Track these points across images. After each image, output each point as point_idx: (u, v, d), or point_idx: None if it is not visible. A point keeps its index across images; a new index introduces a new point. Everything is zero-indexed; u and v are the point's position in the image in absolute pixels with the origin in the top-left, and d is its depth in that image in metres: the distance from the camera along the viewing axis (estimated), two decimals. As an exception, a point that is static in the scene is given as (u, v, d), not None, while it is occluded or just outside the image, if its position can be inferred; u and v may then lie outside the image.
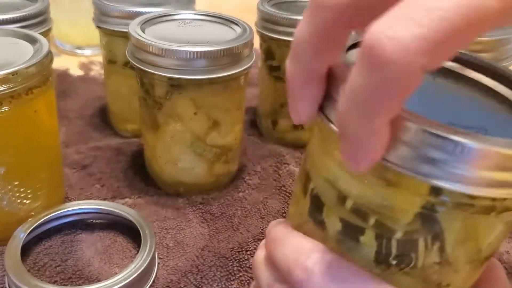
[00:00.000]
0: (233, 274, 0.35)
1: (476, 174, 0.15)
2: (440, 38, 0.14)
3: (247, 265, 0.36)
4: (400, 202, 0.18)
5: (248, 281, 0.34)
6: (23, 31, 0.37)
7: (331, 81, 0.18)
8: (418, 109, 0.16)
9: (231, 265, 0.36)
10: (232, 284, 0.34)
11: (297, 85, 0.19)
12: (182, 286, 0.34)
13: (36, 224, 0.36)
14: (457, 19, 0.13)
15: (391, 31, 0.14)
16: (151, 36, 0.37)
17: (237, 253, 0.37)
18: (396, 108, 0.15)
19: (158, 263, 0.35)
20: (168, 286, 0.34)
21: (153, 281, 0.34)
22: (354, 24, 0.17)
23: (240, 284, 0.34)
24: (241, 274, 0.35)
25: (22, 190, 0.35)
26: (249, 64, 0.39)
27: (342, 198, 0.19)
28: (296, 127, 0.50)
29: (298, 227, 0.22)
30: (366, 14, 0.16)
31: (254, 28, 0.43)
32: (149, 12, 0.43)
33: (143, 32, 0.38)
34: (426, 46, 0.14)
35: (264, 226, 0.40)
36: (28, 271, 0.33)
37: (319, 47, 0.17)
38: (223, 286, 0.34)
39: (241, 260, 0.36)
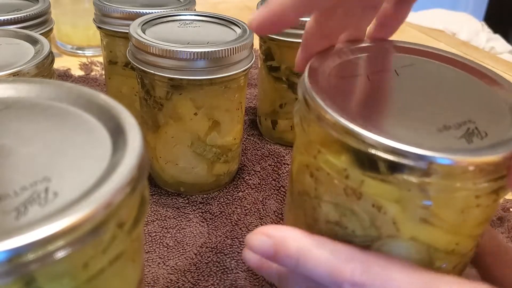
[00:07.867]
0: (230, 269, 0.35)
1: None
2: None
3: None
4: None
5: (244, 277, 0.34)
6: (24, 32, 0.38)
7: None
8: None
9: (229, 261, 0.36)
10: (227, 278, 0.34)
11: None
12: (180, 285, 0.34)
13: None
14: None
15: None
16: (152, 37, 0.37)
17: (234, 248, 0.37)
18: None
19: (159, 263, 0.36)
20: (167, 286, 0.34)
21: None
22: None
23: (236, 278, 0.34)
24: (238, 269, 0.35)
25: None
26: (249, 65, 0.39)
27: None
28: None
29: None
30: None
31: (254, 28, 0.43)
32: (149, 13, 0.43)
33: (144, 33, 0.38)
34: None
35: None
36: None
37: None
38: (219, 281, 0.34)
39: (238, 255, 0.36)
